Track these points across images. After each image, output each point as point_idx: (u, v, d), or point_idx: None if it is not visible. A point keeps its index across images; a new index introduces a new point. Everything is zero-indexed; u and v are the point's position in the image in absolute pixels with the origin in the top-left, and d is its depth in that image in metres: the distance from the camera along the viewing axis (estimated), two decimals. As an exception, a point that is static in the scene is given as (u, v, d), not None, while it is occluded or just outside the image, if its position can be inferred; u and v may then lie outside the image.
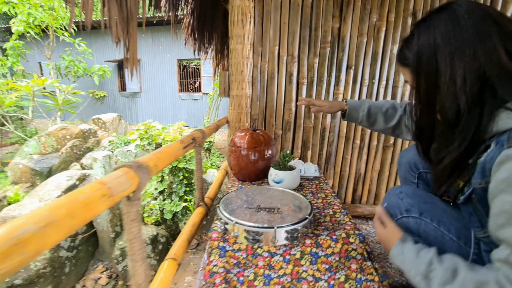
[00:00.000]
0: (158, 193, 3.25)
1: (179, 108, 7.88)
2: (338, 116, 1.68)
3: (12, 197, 3.60)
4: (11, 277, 2.12)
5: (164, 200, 3.24)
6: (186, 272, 2.04)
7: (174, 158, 0.84)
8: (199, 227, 1.10)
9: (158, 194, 3.26)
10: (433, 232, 0.67)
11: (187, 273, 2.04)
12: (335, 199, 1.16)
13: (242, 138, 1.34)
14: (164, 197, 3.24)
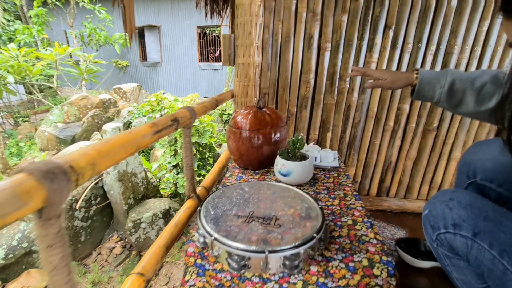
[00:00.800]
0: (172, 166, 3.16)
1: (199, 78, 7.62)
2: (369, 90, 1.33)
3: (39, 164, 3.70)
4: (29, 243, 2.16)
5: (178, 174, 3.15)
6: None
7: (134, 149, 0.61)
8: (186, 225, 0.90)
9: (172, 168, 3.17)
10: (490, 264, 0.50)
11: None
12: (357, 200, 0.89)
13: (244, 117, 1.07)
14: (178, 171, 3.14)
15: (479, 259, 0.52)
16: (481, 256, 0.51)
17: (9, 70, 4.67)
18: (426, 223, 0.60)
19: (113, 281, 2.25)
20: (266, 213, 0.71)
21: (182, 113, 0.85)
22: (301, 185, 1.00)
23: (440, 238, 0.57)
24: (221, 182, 1.05)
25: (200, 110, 0.99)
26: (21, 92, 6.31)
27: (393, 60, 1.27)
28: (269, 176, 1.08)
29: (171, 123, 0.77)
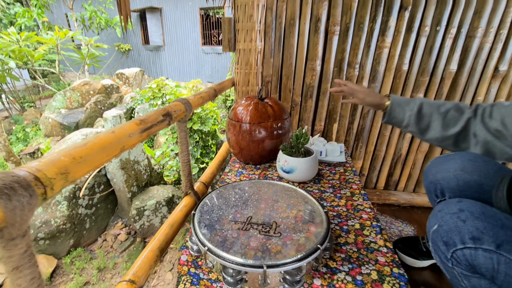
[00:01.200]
0: (175, 154, 3.12)
1: (202, 63, 7.43)
2: (379, 78, 1.22)
3: (44, 150, 3.71)
4: (34, 230, 2.18)
5: (181, 161, 3.10)
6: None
7: (118, 151, 0.54)
8: (183, 224, 0.85)
9: (175, 155, 3.14)
10: None
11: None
12: (365, 200, 0.82)
13: (244, 109, 0.99)
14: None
15: (510, 274, 0.45)
16: (511, 271, 0.45)
17: (10, 55, 4.58)
18: (438, 241, 0.52)
19: (118, 267, 2.27)
20: (266, 218, 0.65)
21: (175, 106, 0.78)
22: (304, 183, 0.93)
23: (456, 255, 0.50)
24: (220, 178, 0.99)
25: (196, 102, 0.91)
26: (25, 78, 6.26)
27: (408, 45, 1.15)
28: (271, 171, 1.01)
29: (162, 118, 0.70)
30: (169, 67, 7.85)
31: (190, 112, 0.86)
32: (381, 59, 1.18)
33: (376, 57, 1.19)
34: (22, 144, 4.98)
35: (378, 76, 1.21)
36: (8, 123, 5.72)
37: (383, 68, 1.20)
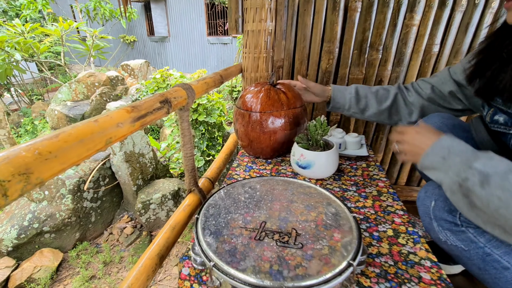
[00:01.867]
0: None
1: (208, 54, 7.27)
2: (406, 61, 1.08)
3: (51, 143, 3.66)
4: (40, 224, 2.14)
5: (187, 154, 3.02)
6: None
7: (103, 144, 0.44)
8: (185, 226, 0.76)
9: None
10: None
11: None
12: (395, 200, 0.71)
13: (254, 96, 0.88)
14: (187, 151, 3.01)
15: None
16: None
17: (16, 47, 4.53)
18: (441, 213, 0.54)
19: (124, 261, 2.22)
20: (283, 224, 0.54)
21: (175, 92, 0.66)
22: (323, 179, 0.82)
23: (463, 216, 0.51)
24: (228, 173, 0.88)
25: (200, 88, 0.79)
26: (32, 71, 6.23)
27: (440, 22, 1.00)
28: (284, 166, 0.90)
29: (159, 105, 0.59)
30: (175, 58, 7.71)
31: (193, 99, 0.75)
32: (408, 40, 1.04)
33: (402, 37, 1.04)
34: (29, 136, 4.98)
35: (404, 59, 1.07)
36: (17, 116, 5.73)
37: (410, 49, 1.06)
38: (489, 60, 0.57)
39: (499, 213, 0.42)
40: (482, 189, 0.43)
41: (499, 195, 0.41)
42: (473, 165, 0.44)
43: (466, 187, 0.45)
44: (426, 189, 0.60)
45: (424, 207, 0.58)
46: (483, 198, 0.43)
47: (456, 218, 0.52)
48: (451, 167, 0.47)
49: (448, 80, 0.74)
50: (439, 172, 0.50)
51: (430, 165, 0.52)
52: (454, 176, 0.47)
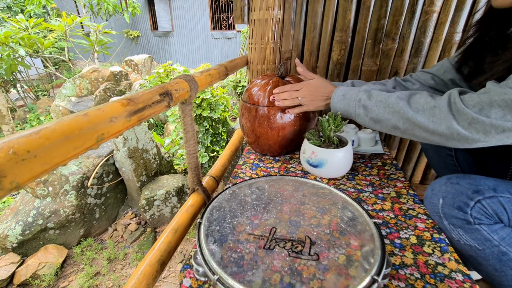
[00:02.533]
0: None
1: (212, 48, 7.18)
2: (424, 51, 1.00)
3: (56, 138, 3.66)
4: (44, 220, 2.13)
5: (191, 150, 2.99)
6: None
7: (93, 142, 0.38)
8: (189, 228, 0.71)
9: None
10: None
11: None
12: (417, 202, 0.64)
13: (261, 89, 0.82)
14: (191, 147, 2.97)
15: None
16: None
17: (20, 43, 4.51)
18: (451, 211, 0.54)
19: (128, 257, 2.21)
20: (294, 230, 0.49)
21: (177, 84, 0.61)
22: (336, 179, 0.76)
23: (475, 212, 0.52)
24: (233, 172, 0.83)
25: (203, 80, 0.74)
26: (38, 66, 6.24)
27: (462, 8, 0.92)
28: (293, 164, 0.84)
29: (159, 98, 0.53)
30: (178, 53, 7.65)
31: (196, 92, 0.69)
32: (427, 28, 0.96)
33: (421, 26, 0.97)
34: (36, 132, 4.99)
35: (422, 48, 0.99)
36: (23, 112, 5.76)
37: (429, 39, 0.98)
38: (475, 50, 0.61)
39: (386, 112, 0.59)
40: (370, 100, 0.63)
41: (380, 99, 0.61)
42: (360, 89, 0.66)
43: (362, 105, 0.64)
44: (432, 187, 0.60)
45: (432, 205, 0.58)
46: (373, 106, 0.62)
47: (468, 214, 0.52)
48: (350, 97, 0.67)
49: (449, 68, 0.73)
50: (343, 104, 0.68)
51: (337, 103, 0.69)
52: (352, 101, 0.66)
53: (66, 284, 1.93)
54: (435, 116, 0.53)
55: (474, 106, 0.48)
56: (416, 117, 0.55)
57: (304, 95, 0.74)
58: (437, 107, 0.52)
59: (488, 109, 0.46)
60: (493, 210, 0.51)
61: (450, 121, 0.50)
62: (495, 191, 0.52)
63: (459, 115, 0.49)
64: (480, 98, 0.48)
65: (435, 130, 0.53)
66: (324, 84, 0.74)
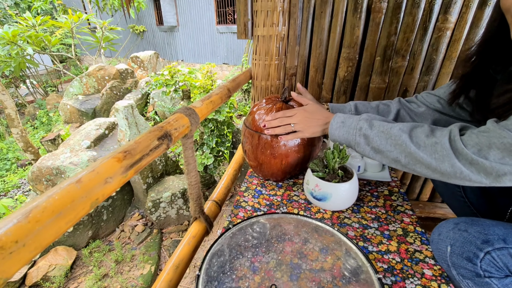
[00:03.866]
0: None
1: (217, 43, 7.09)
2: (436, 69, 0.95)
3: (65, 136, 3.72)
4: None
5: (197, 151, 3.00)
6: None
7: (87, 208, 0.37)
8: (190, 261, 0.70)
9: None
10: None
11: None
12: (424, 243, 0.62)
13: (264, 115, 0.79)
14: (196, 147, 2.99)
15: None
16: None
17: (28, 41, 4.54)
18: (460, 261, 0.51)
19: (135, 259, 2.25)
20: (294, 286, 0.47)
21: (176, 122, 0.59)
22: (340, 211, 0.74)
23: (485, 264, 0.49)
24: (235, 200, 0.81)
25: (205, 110, 0.71)
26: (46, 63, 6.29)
27: (479, 25, 0.87)
28: (296, 192, 0.82)
29: (157, 143, 0.51)
30: (184, 48, 7.59)
31: (197, 124, 0.67)
32: (440, 45, 0.91)
33: (433, 42, 0.92)
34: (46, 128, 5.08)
35: (434, 66, 0.94)
36: (33, 108, 5.85)
37: (442, 56, 0.93)
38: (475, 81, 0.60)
39: (388, 143, 0.57)
40: (371, 130, 0.60)
41: (382, 130, 0.59)
42: (361, 118, 0.63)
43: (363, 134, 0.61)
44: (439, 231, 0.57)
45: (440, 252, 0.55)
46: (374, 137, 0.59)
47: (478, 267, 0.49)
48: (350, 125, 0.64)
49: None
50: (342, 131, 0.65)
51: (336, 129, 0.66)
52: (352, 129, 0.63)
53: (75, 286, 1.99)
54: (437, 152, 0.51)
55: (473, 146, 0.47)
56: (418, 153, 0.53)
57: (298, 121, 0.71)
58: (439, 143, 0.51)
59: (487, 151, 0.46)
60: (503, 263, 0.48)
61: (452, 159, 0.49)
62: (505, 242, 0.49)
63: (459, 154, 0.48)
64: (479, 139, 0.47)
65: (438, 167, 0.51)
66: (319, 110, 0.71)
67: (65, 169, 2.22)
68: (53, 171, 2.22)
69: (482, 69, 0.59)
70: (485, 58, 0.58)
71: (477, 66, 0.60)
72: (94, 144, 2.54)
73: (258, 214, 0.63)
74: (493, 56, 0.56)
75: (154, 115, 4.33)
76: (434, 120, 0.75)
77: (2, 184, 3.70)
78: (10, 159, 4.24)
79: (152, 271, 2.10)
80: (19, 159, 4.21)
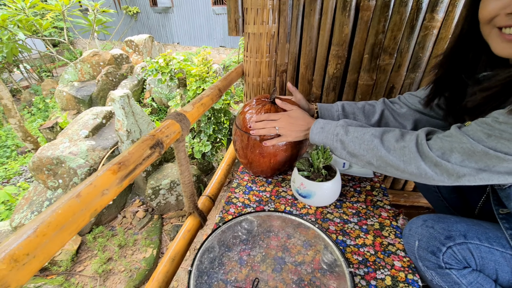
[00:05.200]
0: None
1: (213, 25, 6.89)
2: (422, 66, 0.97)
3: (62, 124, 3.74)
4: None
5: (194, 138, 3.04)
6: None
7: (87, 219, 0.42)
8: (185, 255, 0.76)
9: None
10: (490, 255, 0.54)
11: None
12: (397, 236, 0.68)
13: (254, 114, 0.82)
14: (194, 135, 3.03)
15: (483, 256, 0.53)
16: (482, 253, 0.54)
17: (18, 25, 4.41)
18: (425, 254, 0.57)
19: (138, 243, 2.36)
20: (277, 277, 0.53)
21: (167, 129, 0.62)
22: (324, 207, 0.79)
23: (446, 258, 0.55)
24: (227, 196, 0.86)
25: (196, 113, 0.75)
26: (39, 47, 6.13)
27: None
28: (285, 188, 0.87)
29: (149, 152, 0.55)
30: (179, 31, 7.38)
31: (188, 129, 0.71)
32: (426, 43, 0.93)
33: (420, 41, 0.93)
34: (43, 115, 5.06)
35: (420, 64, 0.96)
36: (29, 94, 5.78)
37: (428, 53, 0.95)
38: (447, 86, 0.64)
39: (362, 148, 0.62)
40: (347, 136, 0.65)
41: (356, 136, 0.64)
42: (338, 124, 0.68)
43: (339, 139, 0.66)
44: (410, 227, 0.62)
45: (409, 246, 0.61)
46: (349, 142, 0.64)
47: (440, 259, 0.55)
48: (328, 131, 0.68)
49: None
50: (321, 137, 0.69)
51: (315, 135, 0.70)
52: (330, 135, 0.68)
53: (82, 269, 2.10)
54: (405, 155, 0.56)
55: (438, 150, 0.51)
56: (388, 156, 0.58)
57: (282, 125, 0.75)
58: (407, 147, 0.55)
59: (449, 154, 0.50)
60: (462, 256, 0.54)
61: (418, 161, 0.53)
62: (465, 238, 0.55)
63: (425, 156, 0.53)
64: (443, 143, 0.51)
65: (405, 169, 0.56)
66: (302, 115, 0.75)
67: (65, 159, 2.27)
68: (53, 160, 2.26)
69: (452, 76, 0.62)
70: (454, 66, 0.61)
71: (446, 73, 0.63)
72: (92, 134, 2.57)
73: (246, 212, 0.69)
74: (461, 64, 0.59)
75: (151, 101, 4.32)
76: (416, 120, 0.78)
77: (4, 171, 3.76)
78: (10, 146, 4.27)
79: (154, 254, 2.21)
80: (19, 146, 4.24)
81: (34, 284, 1.94)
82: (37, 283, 1.96)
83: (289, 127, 0.74)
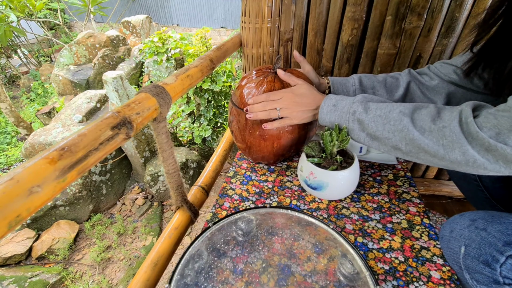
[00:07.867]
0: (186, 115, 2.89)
1: (214, 5, 6.54)
2: (457, 30, 0.79)
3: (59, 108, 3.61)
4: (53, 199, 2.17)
5: (194, 123, 2.90)
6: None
7: (6, 230, 0.28)
8: (172, 255, 0.64)
9: (187, 116, 2.91)
10: None
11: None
12: (431, 238, 0.54)
13: (254, 88, 0.67)
14: (193, 119, 2.88)
15: None
16: None
17: (10, 6, 4.19)
18: (475, 265, 0.43)
19: (137, 231, 2.28)
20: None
21: (139, 104, 0.47)
22: (338, 200, 0.65)
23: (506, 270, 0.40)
24: (221, 188, 0.73)
25: (179, 87, 0.59)
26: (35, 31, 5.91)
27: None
28: (290, 177, 0.73)
29: (111, 133, 0.41)
30: (178, 11, 7.04)
31: (169, 105, 0.56)
32: (464, 0, 0.75)
33: (457, -3, 0.75)
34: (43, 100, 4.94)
35: (455, 26, 0.78)
36: (28, 79, 5.64)
37: (466, 13, 0.77)
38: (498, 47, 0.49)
39: (386, 129, 0.49)
40: (367, 114, 0.52)
41: (379, 114, 0.51)
42: (355, 100, 0.55)
43: (356, 118, 0.53)
44: (451, 228, 0.49)
45: (451, 252, 0.48)
46: (370, 122, 0.51)
47: (497, 272, 0.42)
48: (342, 109, 0.55)
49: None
50: (334, 116, 0.56)
51: (326, 114, 0.57)
52: (345, 114, 0.55)
53: (80, 257, 2.04)
54: (445, 138, 0.43)
55: (490, 129, 0.39)
56: (422, 140, 0.45)
57: (285, 105, 0.60)
58: (447, 127, 0.43)
59: (507, 134, 0.38)
60: None
61: (464, 145, 0.41)
62: None
63: (472, 139, 0.41)
64: (498, 120, 0.39)
65: (445, 156, 0.44)
66: (310, 91, 0.60)
67: (58, 145, 2.15)
68: (46, 146, 2.15)
69: (507, 31, 0.47)
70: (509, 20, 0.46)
71: (501, 26, 0.48)
72: (86, 118, 2.44)
73: (242, 209, 0.55)
74: None
75: (150, 85, 4.15)
76: (449, 94, 0.63)
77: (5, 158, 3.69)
78: (10, 133, 4.19)
79: (154, 242, 2.13)
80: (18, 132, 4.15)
81: (32, 272, 1.88)
82: (35, 271, 1.90)
83: (293, 107, 0.59)
